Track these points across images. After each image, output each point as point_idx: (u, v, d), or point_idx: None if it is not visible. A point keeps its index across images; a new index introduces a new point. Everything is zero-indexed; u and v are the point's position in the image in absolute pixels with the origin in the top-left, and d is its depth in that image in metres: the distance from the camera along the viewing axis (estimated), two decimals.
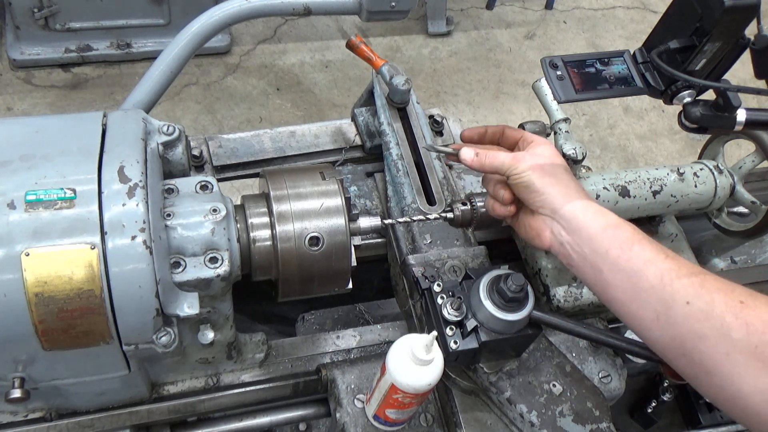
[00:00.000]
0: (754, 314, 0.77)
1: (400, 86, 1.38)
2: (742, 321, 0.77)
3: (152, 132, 1.05)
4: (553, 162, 1.00)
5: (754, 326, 0.76)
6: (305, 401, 1.25)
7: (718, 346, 0.78)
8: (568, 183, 0.98)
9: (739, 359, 0.76)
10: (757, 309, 0.77)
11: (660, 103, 1.35)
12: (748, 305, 0.78)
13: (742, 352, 0.76)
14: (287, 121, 3.22)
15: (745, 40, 1.10)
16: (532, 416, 1.07)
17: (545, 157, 1.00)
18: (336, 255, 1.06)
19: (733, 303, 0.78)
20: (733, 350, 0.77)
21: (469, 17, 3.89)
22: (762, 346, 0.75)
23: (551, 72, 1.13)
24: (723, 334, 0.77)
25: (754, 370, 0.75)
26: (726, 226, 1.50)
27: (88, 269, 0.86)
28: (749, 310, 0.77)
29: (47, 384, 1.00)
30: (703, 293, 0.81)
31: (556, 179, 0.97)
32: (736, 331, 0.76)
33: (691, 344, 0.81)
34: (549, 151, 1.01)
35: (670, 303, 0.83)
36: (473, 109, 3.48)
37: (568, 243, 0.95)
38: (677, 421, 1.68)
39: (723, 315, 0.78)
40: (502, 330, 1.02)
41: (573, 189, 0.97)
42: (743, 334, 0.76)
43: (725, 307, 0.78)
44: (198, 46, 1.87)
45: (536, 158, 0.99)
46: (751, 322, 0.76)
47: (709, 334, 0.79)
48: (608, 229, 0.92)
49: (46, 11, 2.90)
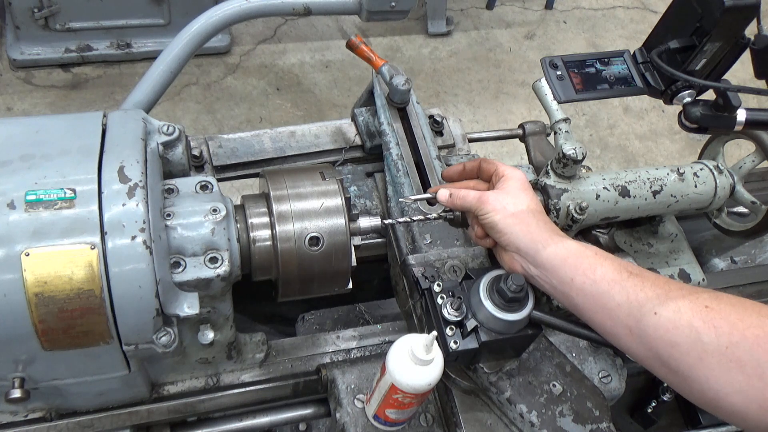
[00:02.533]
0: (719, 317, 0.79)
1: (400, 86, 1.38)
2: (710, 325, 0.79)
3: (152, 132, 1.05)
4: (516, 201, 1.02)
5: (722, 328, 0.78)
6: (305, 401, 1.25)
7: (691, 352, 0.80)
8: (529, 221, 1.01)
9: (712, 362, 0.78)
10: (722, 311, 0.80)
11: (660, 103, 1.35)
12: (713, 308, 0.80)
13: (714, 355, 0.78)
14: (287, 121, 3.22)
15: (745, 40, 1.10)
16: (532, 416, 1.07)
17: (511, 195, 1.03)
18: (336, 255, 1.06)
19: (698, 308, 0.81)
20: (705, 354, 0.79)
21: (469, 17, 3.89)
22: (732, 346, 0.77)
23: (551, 72, 1.13)
24: (693, 339, 0.80)
25: (728, 371, 0.77)
26: (726, 226, 1.50)
27: (88, 269, 0.86)
28: (714, 314, 0.80)
29: (47, 384, 1.00)
30: (669, 303, 0.84)
31: (518, 219, 1.01)
32: (705, 335, 0.79)
33: (665, 353, 0.84)
34: (516, 187, 1.04)
35: (638, 317, 0.86)
36: (473, 109, 3.48)
37: (537, 276, 1.00)
38: (677, 421, 1.67)
39: (691, 321, 0.81)
40: (502, 330, 1.02)
41: (534, 226, 1.00)
42: (712, 336, 0.78)
43: (692, 313, 0.81)
44: (198, 46, 1.87)
45: (502, 197, 1.03)
46: (718, 325, 0.79)
47: (680, 341, 0.81)
48: (569, 258, 0.96)
49: (46, 11, 2.90)
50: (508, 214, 1.01)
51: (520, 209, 1.01)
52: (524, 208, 1.02)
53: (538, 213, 1.03)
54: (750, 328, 0.77)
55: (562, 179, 1.29)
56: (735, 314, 0.79)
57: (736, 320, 0.78)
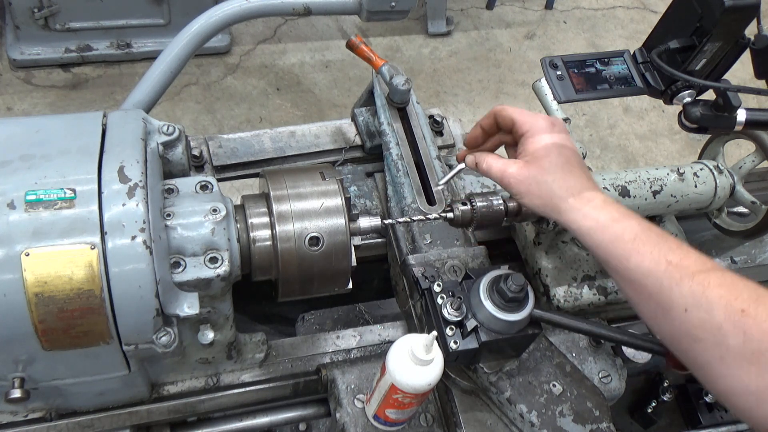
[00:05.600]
0: (753, 323, 0.76)
1: (400, 86, 1.38)
2: (740, 330, 0.76)
3: (152, 132, 1.05)
4: (540, 166, 0.96)
5: (752, 335, 0.76)
6: (305, 401, 1.25)
7: (713, 351, 0.79)
8: (551, 191, 0.95)
9: (732, 363, 0.77)
10: (758, 317, 0.76)
11: (660, 103, 1.35)
12: (749, 314, 0.77)
13: (737, 358, 0.76)
14: (287, 121, 3.22)
15: (745, 40, 1.10)
16: (532, 416, 1.07)
17: (534, 161, 0.96)
18: (336, 255, 1.06)
19: (733, 311, 0.78)
20: (728, 355, 0.77)
21: (469, 17, 3.89)
22: (758, 353, 0.75)
23: (551, 72, 1.13)
24: (719, 341, 0.78)
25: (747, 374, 0.76)
26: (726, 226, 1.50)
27: (88, 269, 0.86)
28: (749, 319, 0.76)
29: (47, 384, 1.00)
30: (703, 301, 0.80)
31: (540, 189, 0.95)
32: (732, 338, 0.77)
33: (687, 345, 0.82)
34: (540, 147, 0.97)
35: (668, 309, 0.84)
36: (473, 109, 3.48)
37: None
38: (677, 421, 1.67)
39: (721, 324, 0.78)
40: (502, 330, 1.02)
41: (557, 197, 0.94)
42: (739, 341, 0.76)
43: (724, 316, 0.78)
44: (198, 46, 1.87)
45: (522, 172, 0.97)
46: (748, 331, 0.76)
47: (705, 338, 0.79)
48: (603, 243, 0.91)
49: (46, 11, 2.90)
50: (531, 191, 0.96)
51: (543, 177, 0.95)
52: (547, 174, 0.95)
53: (572, 169, 0.95)
54: None
55: None
56: None
57: None
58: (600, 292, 1.34)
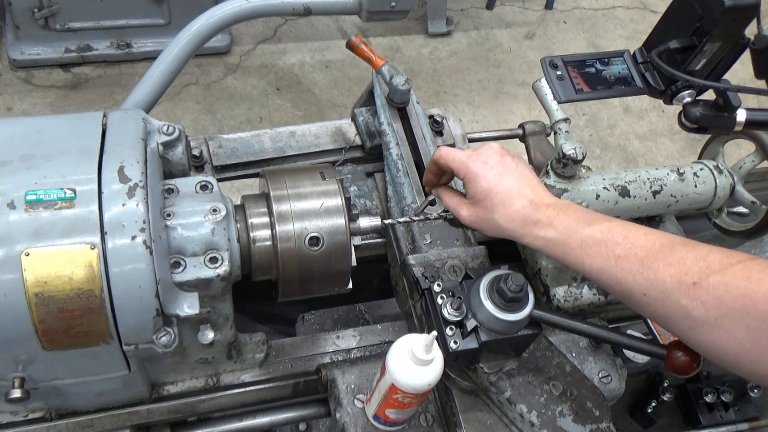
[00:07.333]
0: (707, 293, 0.83)
1: (400, 86, 1.38)
2: (697, 302, 0.83)
3: (152, 132, 1.05)
4: (484, 207, 1.03)
5: (709, 304, 0.82)
6: (305, 401, 1.25)
7: (682, 323, 0.86)
8: (500, 227, 1.02)
9: (702, 331, 0.84)
10: (710, 287, 0.83)
11: (660, 103, 1.35)
12: (701, 285, 0.83)
13: (704, 326, 0.83)
14: (287, 121, 3.22)
15: (745, 40, 1.10)
16: (532, 416, 1.07)
17: (478, 203, 1.03)
18: (336, 255, 1.06)
19: (687, 286, 0.84)
20: (696, 325, 0.84)
21: (469, 17, 3.89)
22: (721, 318, 0.81)
23: (551, 72, 1.13)
24: (683, 315, 0.85)
25: (719, 338, 0.83)
26: (726, 226, 1.50)
27: (88, 269, 0.86)
28: (702, 291, 0.83)
29: (47, 384, 1.00)
30: (657, 284, 0.87)
31: (491, 226, 1.03)
32: (694, 311, 0.84)
33: (662, 322, 0.91)
34: (479, 191, 1.03)
35: (630, 297, 0.92)
36: (473, 109, 3.48)
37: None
38: (677, 421, 1.67)
39: (679, 299, 0.85)
40: (502, 330, 1.02)
41: (508, 230, 1.01)
42: (701, 312, 0.83)
43: (680, 292, 0.85)
44: (198, 46, 1.87)
45: (471, 215, 1.05)
46: (706, 301, 0.82)
47: (671, 315, 0.87)
48: (558, 256, 0.98)
49: (46, 11, 2.90)
50: (483, 220, 1.04)
51: (493, 224, 1.02)
52: (494, 218, 1.02)
53: (505, 210, 1.01)
54: (737, 299, 0.80)
55: (562, 179, 1.29)
56: (723, 288, 0.82)
57: (723, 293, 0.81)
58: (600, 292, 1.34)
